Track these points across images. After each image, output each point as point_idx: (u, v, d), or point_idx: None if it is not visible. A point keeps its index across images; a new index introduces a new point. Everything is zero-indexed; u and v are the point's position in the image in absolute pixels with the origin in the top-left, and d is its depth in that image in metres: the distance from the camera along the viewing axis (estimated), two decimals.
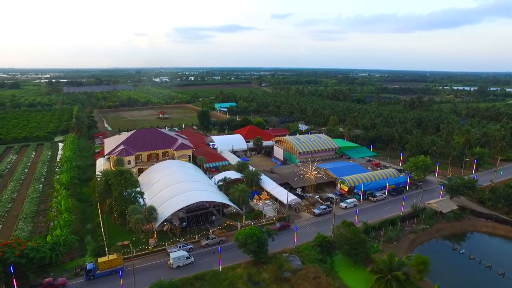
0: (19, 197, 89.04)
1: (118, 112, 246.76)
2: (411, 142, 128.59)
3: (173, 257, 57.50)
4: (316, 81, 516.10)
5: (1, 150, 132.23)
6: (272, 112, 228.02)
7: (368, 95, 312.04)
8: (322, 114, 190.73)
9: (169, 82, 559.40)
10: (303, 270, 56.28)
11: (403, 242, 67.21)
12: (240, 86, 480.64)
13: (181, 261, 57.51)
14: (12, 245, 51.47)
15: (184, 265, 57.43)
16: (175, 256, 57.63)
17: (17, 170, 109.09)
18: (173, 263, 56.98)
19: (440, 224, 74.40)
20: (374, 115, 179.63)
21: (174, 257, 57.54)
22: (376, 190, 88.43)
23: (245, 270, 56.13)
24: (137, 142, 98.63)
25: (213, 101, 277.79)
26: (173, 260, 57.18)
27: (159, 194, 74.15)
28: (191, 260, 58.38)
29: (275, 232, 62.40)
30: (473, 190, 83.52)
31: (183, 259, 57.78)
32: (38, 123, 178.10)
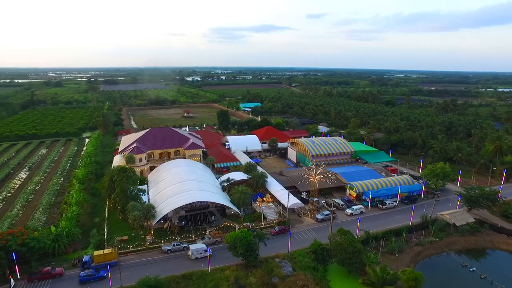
0: (41, 189, 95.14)
1: (146, 110, 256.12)
2: (434, 148, 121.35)
3: (192, 249, 59.97)
4: (348, 82, 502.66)
5: (35, 145, 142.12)
6: (295, 113, 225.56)
7: (398, 97, 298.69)
8: (345, 116, 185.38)
9: (200, 81, 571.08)
10: (292, 277, 54.86)
11: (406, 254, 63.41)
12: (270, 86, 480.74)
13: (199, 253, 59.64)
14: (16, 234, 54.96)
15: (202, 257, 59.34)
16: (194, 248, 60.00)
17: (44, 164, 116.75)
18: (192, 254, 59.42)
19: (452, 238, 69.33)
20: (399, 118, 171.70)
21: (193, 249, 59.95)
22: (386, 198, 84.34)
23: (233, 272, 55.74)
24: (150, 141, 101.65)
25: (239, 101, 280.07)
26: (192, 252, 59.61)
27: (162, 192, 75.94)
28: (209, 253, 59.78)
29: (267, 236, 61.38)
30: (494, 202, 76.97)
31: (201, 251, 60.02)
32: (71, 119, 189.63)
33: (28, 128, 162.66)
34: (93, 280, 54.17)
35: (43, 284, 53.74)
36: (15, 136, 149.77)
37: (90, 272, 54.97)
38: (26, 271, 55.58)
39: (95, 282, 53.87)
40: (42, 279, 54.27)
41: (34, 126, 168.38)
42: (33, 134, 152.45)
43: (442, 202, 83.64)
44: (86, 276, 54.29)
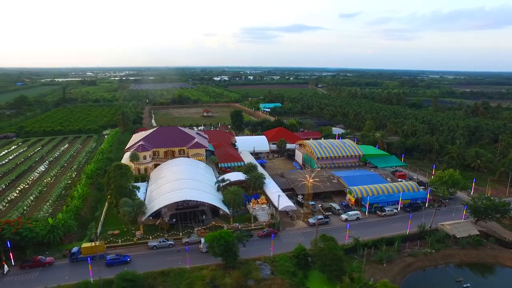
0: (54, 182, 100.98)
1: (168, 109, 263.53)
2: (451, 153, 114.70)
3: (203, 242, 61.38)
4: (376, 83, 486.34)
5: (58, 140, 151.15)
6: (314, 114, 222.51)
7: (426, 99, 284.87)
8: (364, 118, 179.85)
9: (227, 81, 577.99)
10: (268, 281, 54.39)
11: (396, 265, 60.55)
12: (296, 86, 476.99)
13: None
14: (12, 223, 58.95)
15: None
16: (204, 242, 60.94)
17: (62, 158, 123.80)
18: (203, 247, 61.19)
19: (450, 250, 65.24)
20: (420, 121, 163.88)
21: (204, 242, 61.10)
22: (386, 204, 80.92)
23: (211, 272, 56.11)
24: (156, 139, 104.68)
25: (260, 101, 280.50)
26: (203, 244, 61.45)
27: (158, 189, 78.08)
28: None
29: (247, 238, 61.15)
30: (504, 214, 71.40)
31: None
32: (95, 117, 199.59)
33: (54, 125, 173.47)
34: (117, 263, 58.37)
35: (34, 271, 57.22)
36: (43, 131, 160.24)
37: (115, 256, 59.41)
38: (21, 259, 59.49)
39: (119, 265, 57.77)
40: (33, 266, 57.76)
41: (61, 123, 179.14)
42: (58, 130, 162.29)
43: (445, 212, 79.09)
44: (111, 259, 58.89)
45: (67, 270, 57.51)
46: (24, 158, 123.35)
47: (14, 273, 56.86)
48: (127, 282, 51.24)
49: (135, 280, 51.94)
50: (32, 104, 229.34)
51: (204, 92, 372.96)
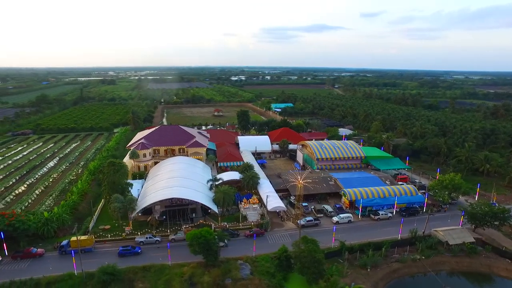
0: (60, 178, 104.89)
1: (181, 108, 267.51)
2: (460, 157, 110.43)
3: None
4: (395, 84, 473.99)
5: (70, 137, 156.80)
6: (325, 114, 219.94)
7: (443, 101, 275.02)
8: (374, 119, 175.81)
9: (243, 81, 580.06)
10: (246, 281, 54.43)
11: (381, 270, 58.97)
12: (313, 87, 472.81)
13: None
14: (6, 216, 61.82)
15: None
16: None
17: (71, 155, 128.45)
18: None
19: (441, 257, 62.87)
20: (433, 123, 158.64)
21: None
22: (380, 208, 78.93)
23: (191, 269, 56.73)
24: (157, 137, 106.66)
25: (273, 101, 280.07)
26: None
27: (151, 187, 79.60)
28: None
29: (227, 236, 61.23)
30: (503, 222, 68.02)
31: None
32: (109, 115, 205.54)
33: (69, 122, 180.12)
34: (129, 254, 60.90)
35: (25, 262, 59.79)
36: (57, 129, 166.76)
37: (127, 247, 61.72)
38: (14, 249, 62.30)
39: (130, 256, 60.30)
40: (24, 257, 60.39)
41: (75, 120, 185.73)
42: (72, 128, 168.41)
43: (443, 217, 76.36)
44: (123, 250, 61.16)
45: (56, 261, 59.67)
46: (36, 154, 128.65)
47: (6, 263, 59.60)
48: (107, 275, 52.76)
49: (115, 274, 53.33)
50: (51, 102, 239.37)
51: (218, 92, 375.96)
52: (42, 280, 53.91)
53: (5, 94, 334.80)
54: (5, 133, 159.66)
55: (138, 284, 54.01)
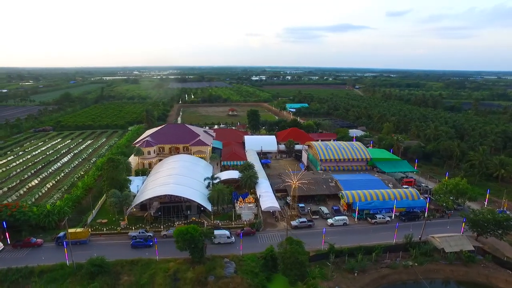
0: (71, 172, 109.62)
1: (198, 107, 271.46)
2: (473, 161, 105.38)
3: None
4: (419, 85, 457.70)
5: (86, 134, 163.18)
6: (340, 115, 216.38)
7: (466, 102, 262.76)
8: (388, 121, 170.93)
9: (263, 80, 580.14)
10: (228, 279, 54.68)
11: (368, 275, 57.39)
12: (333, 87, 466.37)
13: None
14: (9, 206, 65.44)
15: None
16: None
17: (85, 151, 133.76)
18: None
19: (435, 265, 60.33)
20: (450, 126, 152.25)
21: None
22: (379, 211, 76.77)
23: (177, 265, 57.65)
24: (163, 135, 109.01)
25: (289, 101, 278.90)
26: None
27: (149, 183, 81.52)
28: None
29: (213, 234, 61.58)
30: (506, 230, 64.34)
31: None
32: (126, 113, 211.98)
33: (87, 120, 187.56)
34: (141, 246, 63.29)
35: (24, 251, 63.07)
36: (75, 126, 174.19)
37: (140, 240, 64.40)
38: (16, 239, 65.81)
39: (143, 248, 62.67)
40: (24, 246, 63.73)
41: (93, 118, 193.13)
42: (89, 125, 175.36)
43: (444, 224, 73.31)
44: (136, 242, 63.72)
45: (52, 251, 62.41)
46: (53, 150, 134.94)
47: (7, 251, 63.08)
48: (95, 267, 54.69)
49: (103, 266, 55.17)
50: (73, 100, 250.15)
51: (237, 91, 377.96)
52: (36, 269, 56.61)
53: (35, 92, 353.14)
54: (28, 129, 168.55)
55: (124, 276, 55.58)
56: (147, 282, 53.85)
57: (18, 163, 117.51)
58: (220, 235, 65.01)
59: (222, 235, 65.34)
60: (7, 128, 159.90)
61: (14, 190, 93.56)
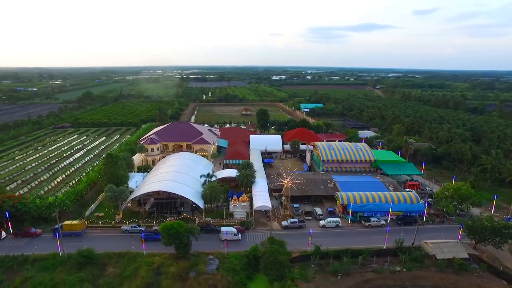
0: (81, 167, 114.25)
1: (213, 106, 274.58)
2: (485, 165, 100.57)
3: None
4: (443, 85, 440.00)
5: (101, 131, 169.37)
6: (353, 116, 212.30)
7: (491, 104, 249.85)
8: (402, 122, 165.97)
9: (283, 80, 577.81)
10: (209, 275, 55.31)
11: (352, 279, 56.14)
12: (354, 87, 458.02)
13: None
14: (12, 198, 69.29)
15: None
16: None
17: (97, 147, 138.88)
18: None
19: (424, 272, 58.09)
20: (467, 127, 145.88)
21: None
22: (373, 214, 74.87)
23: (162, 259, 58.95)
24: (167, 133, 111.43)
25: (305, 101, 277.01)
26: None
27: (147, 179, 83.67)
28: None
29: (197, 231, 62.31)
30: (505, 239, 60.99)
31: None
32: (141, 111, 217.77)
33: (103, 117, 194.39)
34: (150, 239, 64.43)
35: (24, 240, 66.56)
36: (91, 123, 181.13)
37: (150, 234, 66.15)
38: (17, 228, 69.59)
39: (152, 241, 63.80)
40: (24, 236, 67.27)
41: (109, 116, 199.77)
42: (104, 122, 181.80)
43: (439, 229, 70.53)
44: (146, 235, 64.97)
45: (48, 241, 65.40)
46: (68, 146, 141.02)
47: (9, 239, 66.87)
48: (84, 258, 56.99)
49: (91, 257, 57.36)
50: (94, 99, 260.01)
51: (254, 91, 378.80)
52: (30, 257, 59.66)
53: (62, 91, 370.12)
54: (48, 126, 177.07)
55: (110, 268, 57.50)
56: (130, 274, 55.35)
57: (34, 157, 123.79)
58: (227, 232, 66.12)
59: (229, 232, 66.37)
60: (29, 125, 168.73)
61: (26, 182, 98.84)
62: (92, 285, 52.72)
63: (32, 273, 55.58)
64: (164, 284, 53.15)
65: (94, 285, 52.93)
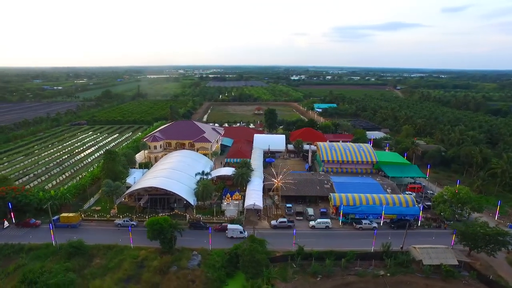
0: (89, 163, 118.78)
1: (227, 105, 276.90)
2: (495, 169, 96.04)
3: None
4: (469, 86, 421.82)
5: (114, 129, 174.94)
6: (367, 116, 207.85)
7: None
8: (415, 123, 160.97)
9: (301, 80, 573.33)
10: (189, 270, 56.30)
11: (332, 281, 55.26)
12: (374, 88, 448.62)
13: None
14: (14, 189, 73.31)
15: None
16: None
17: (108, 144, 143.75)
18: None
19: (409, 277, 56.28)
20: (484, 129, 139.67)
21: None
22: (365, 216, 73.37)
23: (147, 253, 60.63)
24: (171, 131, 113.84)
25: (318, 101, 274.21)
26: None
27: (146, 175, 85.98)
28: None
29: (182, 227, 63.33)
30: (497, 246, 58.21)
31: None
32: (155, 110, 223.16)
33: (118, 115, 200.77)
34: None
35: (24, 230, 70.35)
36: (106, 121, 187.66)
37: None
38: (19, 218, 73.58)
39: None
40: (24, 226, 71.12)
41: (124, 114, 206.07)
42: (118, 120, 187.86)
43: (436, 234, 68.22)
44: None
45: (45, 232, 68.53)
46: (80, 142, 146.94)
47: (11, 229, 70.86)
48: (73, 248, 59.57)
49: (80, 248, 59.88)
50: (112, 97, 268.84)
51: (271, 91, 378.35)
52: (26, 246, 63.03)
53: (85, 89, 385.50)
54: (66, 123, 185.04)
55: (97, 259, 59.73)
56: (114, 266, 57.28)
57: (48, 152, 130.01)
58: (233, 229, 66.76)
59: (235, 229, 66.90)
60: (47, 121, 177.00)
61: (37, 176, 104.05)
62: (77, 275, 54.90)
63: (25, 261, 58.74)
64: (144, 277, 54.58)
65: (79, 274, 55.10)
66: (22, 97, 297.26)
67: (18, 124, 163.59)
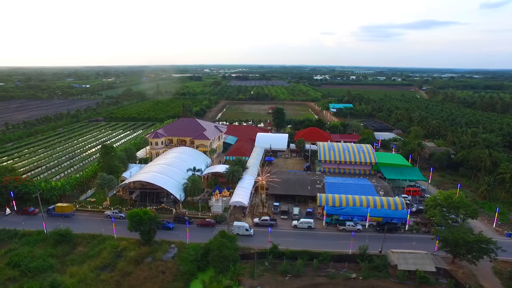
0: (98, 157, 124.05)
1: (243, 104, 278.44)
2: (504, 174, 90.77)
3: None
4: (502, 86, 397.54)
5: (128, 126, 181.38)
6: (381, 117, 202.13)
7: None
8: (428, 125, 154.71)
9: (324, 80, 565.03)
10: (162, 262, 58.00)
11: (300, 281, 54.68)
12: (399, 88, 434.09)
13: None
14: (17, 179, 78.53)
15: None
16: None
17: (119, 140, 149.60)
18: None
19: (382, 282, 54.70)
20: (504, 132, 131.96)
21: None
22: (350, 218, 71.85)
23: (128, 244, 62.97)
24: (173, 128, 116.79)
25: (335, 101, 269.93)
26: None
27: (142, 169, 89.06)
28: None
29: (161, 221, 65.01)
30: (479, 254, 55.23)
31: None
32: (171, 107, 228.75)
33: (134, 113, 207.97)
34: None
35: (23, 217, 75.32)
36: (122, 118, 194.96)
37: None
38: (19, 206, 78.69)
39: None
40: (23, 213, 76.13)
41: (140, 111, 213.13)
42: (133, 117, 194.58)
43: (422, 240, 65.75)
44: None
45: (40, 220, 72.94)
46: (94, 137, 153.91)
47: (12, 216, 76.04)
48: (60, 236, 63.18)
49: (66, 236, 63.39)
50: (131, 95, 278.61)
51: (290, 90, 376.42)
52: (20, 232, 67.52)
53: (111, 88, 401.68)
54: (85, 119, 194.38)
55: (80, 247, 62.92)
56: (94, 254, 60.06)
57: (63, 146, 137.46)
58: (238, 226, 67.01)
59: (240, 226, 67.10)
60: (67, 118, 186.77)
61: (48, 168, 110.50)
62: (59, 261, 58.25)
63: (16, 246, 62.96)
64: (119, 265, 56.85)
65: (60, 260, 58.42)
66: (51, 95, 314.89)
67: (40, 119, 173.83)
